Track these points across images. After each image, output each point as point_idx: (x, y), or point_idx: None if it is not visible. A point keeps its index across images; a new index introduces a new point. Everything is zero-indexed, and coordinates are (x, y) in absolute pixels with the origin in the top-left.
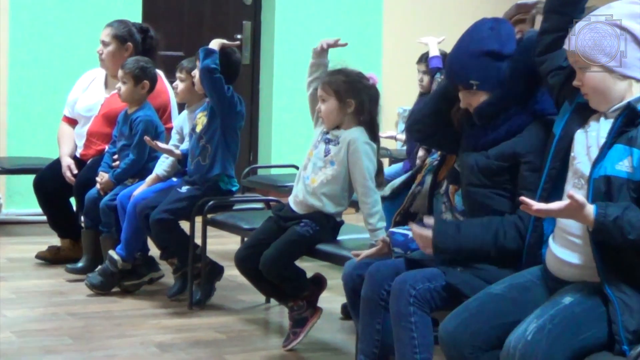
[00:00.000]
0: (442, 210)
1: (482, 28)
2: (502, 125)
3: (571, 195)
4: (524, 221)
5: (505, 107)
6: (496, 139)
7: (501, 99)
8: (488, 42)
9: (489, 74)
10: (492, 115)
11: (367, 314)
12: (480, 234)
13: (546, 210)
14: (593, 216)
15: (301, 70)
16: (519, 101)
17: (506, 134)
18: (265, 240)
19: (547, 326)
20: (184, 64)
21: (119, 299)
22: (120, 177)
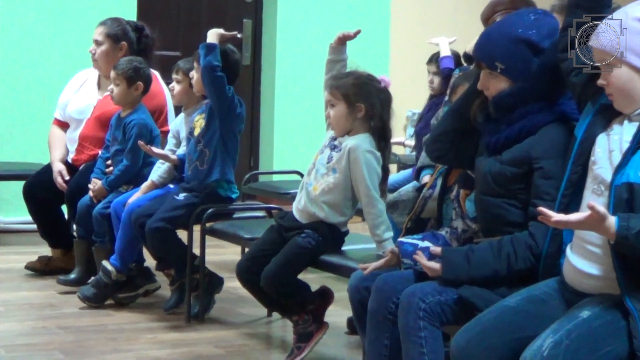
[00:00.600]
0: (452, 217)
1: (526, 15)
2: (517, 122)
3: (592, 206)
4: (535, 238)
5: (524, 101)
6: (509, 138)
7: (522, 91)
8: (527, 31)
9: (518, 61)
10: (509, 107)
11: (375, 328)
12: (492, 260)
13: (565, 221)
14: (614, 229)
15: (304, 71)
16: (540, 98)
17: (519, 132)
18: (268, 250)
19: (564, 341)
20: (180, 64)
21: (113, 312)
22: (114, 184)
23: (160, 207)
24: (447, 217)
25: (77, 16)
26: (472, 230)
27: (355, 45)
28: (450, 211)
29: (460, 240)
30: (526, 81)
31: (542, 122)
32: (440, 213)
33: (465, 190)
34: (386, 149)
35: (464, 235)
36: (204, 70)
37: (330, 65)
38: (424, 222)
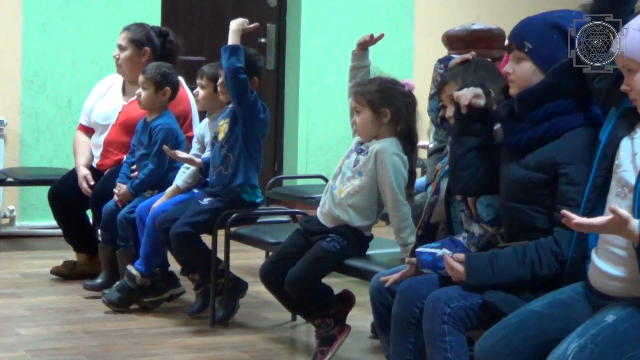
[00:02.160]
0: (461, 220)
1: (567, 11)
2: (541, 122)
3: (614, 210)
4: (560, 245)
5: (550, 98)
6: (532, 139)
7: (549, 86)
8: (564, 20)
9: (547, 44)
10: (534, 102)
11: (399, 333)
12: (516, 267)
13: (588, 224)
14: (638, 231)
15: (328, 76)
16: (568, 96)
17: (545, 134)
18: (292, 254)
19: (589, 346)
20: (204, 69)
21: (138, 317)
22: (138, 188)
23: (184, 212)
24: (456, 220)
25: (102, 22)
26: (490, 234)
27: (379, 50)
28: (458, 214)
29: (478, 246)
30: (553, 75)
31: (567, 125)
32: (449, 217)
33: None
34: (413, 152)
35: (481, 240)
36: (227, 73)
37: (354, 72)
38: (434, 227)
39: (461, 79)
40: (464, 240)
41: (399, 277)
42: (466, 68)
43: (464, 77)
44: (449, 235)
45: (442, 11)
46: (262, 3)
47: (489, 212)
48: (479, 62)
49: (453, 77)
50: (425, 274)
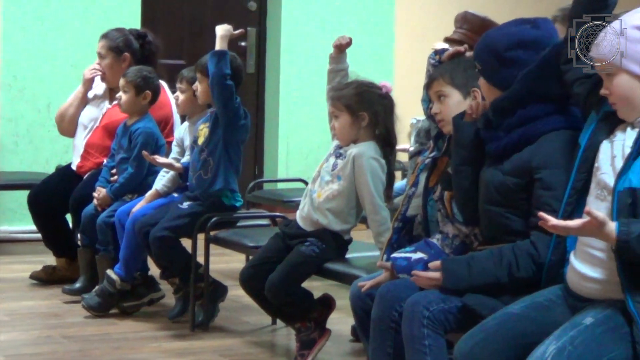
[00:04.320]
0: (438, 219)
1: (511, 25)
2: (516, 128)
3: (589, 212)
4: (537, 247)
5: (521, 104)
6: (508, 145)
7: (518, 93)
8: (496, 39)
9: (486, 66)
10: (507, 110)
11: (378, 336)
12: (493, 269)
13: (564, 227)
14: (615, 234)
15: (308, 80)
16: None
17: (519, 139)
18: (272, 258)
19: (567, 348)
20: (184, 73)
21: (117, 321)
22: (118, 193)
23: (164, 216)
24: (432, 219)
25: (82, 25)
26: (464, 234)
27: (359, 53)
28: (435, 213)
29: (452, 247)
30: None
31: (541, 130)
32: (425, 215)
33: (450, 192)
34: (391, 155)
35: (455, 241)
36: (215, 78)
37: (332, 75)
38: (410, 220)
39: (450, 77)
40: (437, 242)
41: (375, 283)
42: (456, 66)
43: (453, 75)
44: (425, 233)
45: (423, 13)
46: (242, 7)
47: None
48: (469, 62)
49: (442, 74)
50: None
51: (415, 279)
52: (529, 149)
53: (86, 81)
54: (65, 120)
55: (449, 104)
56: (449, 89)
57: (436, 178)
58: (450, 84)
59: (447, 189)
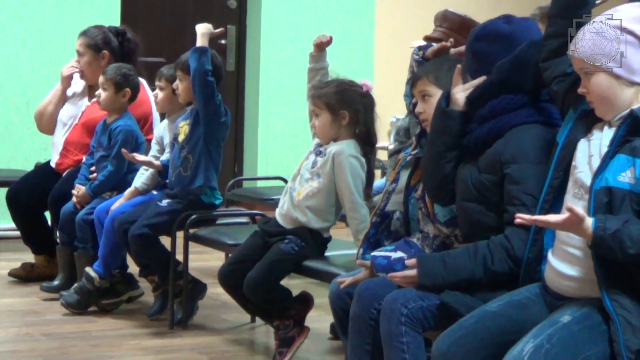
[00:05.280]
0: (419, 218)
1: (500, 18)
2: (487, 121)
3: (570, 208)
4: (511, 241)
5: (494, 94)
6: (479, 138)
7: (491, 83)
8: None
9: (467, 59)
10: (479, 101)
11: (357, 335)
12: (468, 264)
13: (544, 220)
14: (592, 230)
15: (289, 77)
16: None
17: (488, 132)
18: (251, 256)
19: (545, 346)
20: (163, 71)
21: (96, 319)
22: (98, 190)
23: (143, 214)
24: (413, 217)
25: (60, 23)
26: (444, 235)
27: (339, 52)
28: (416, 211)
29: (432, 247)
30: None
31: (510, 123)
32: (406, 213)
33: None
34: (371, 153)
35: (435, 241)
36: (196, 74)
37: (312, 74)
38: (389, 215)
39: (434, 77)
40: (418, 241)
41: (354, 281)
42: (440, 66)
43: (437, 75)
44: (406, 232)
45: (402, 12)
46: (222, 4)
47: (445, 212)
48: (453, 61)
49: (426, 73)
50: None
51: (392, 278)
52: (498, 143)
53: (64, 79)
54: (44, 118)
55: (433, 103)
56: (433, 88)
57: (418, 176)
58: (435, 84)
59: None
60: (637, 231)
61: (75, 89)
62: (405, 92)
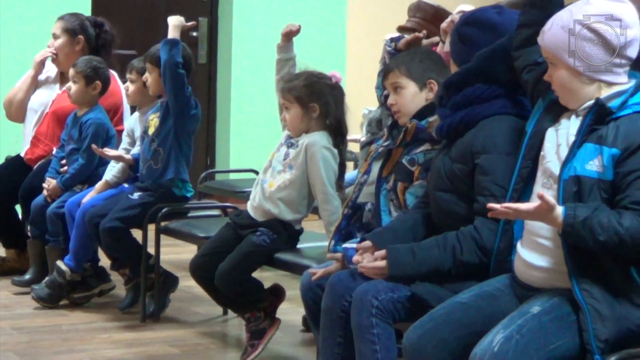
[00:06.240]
0: (390, 209)
1: (493, 7)
2: (461, 109)
3: (541, 196)
4: (480, 232)
5: (470, 82)
6: (452, 125)
7: (468, 71)
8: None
9: (453, 43)
10: (455, 86)
11: (328, 326)
12: (438, 255)
13: (515, 209)
14: (562, 218)
15: (261, 70)
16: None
17: (461, 121)
18: (222, 248)
19: (514, 337)
20: (134, 63)
21: (67, 313)
22: (68, 183)
23: (114, 207)
24: (384, 209)
25: (30, 12)
26: None
27: (312, 43)
28: (387, 203)
29: None
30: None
31: (483, 113)
32: (378, 205)
33: (403, 183)
34: (342, 144)
35: None
36: (167, 66)
37: (280, 65)
38: (360, 207)
39: (406, 69)
40: None
41: (325, 273)
42: (412, 58)
43: (409, 67)
44: (377, 223)
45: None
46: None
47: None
48: (425, 53)
49: (398, 65)
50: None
51: (362, 270)
52: (470, 133)
53: (36, 64)
54: (14, 105)
55: (405, 95)
56: (405, 80)
57: (390, 168)
58: (407, 76)
59: (401, 180)
60: (606, 218)
61: (47, 74)
62: (377, 84)
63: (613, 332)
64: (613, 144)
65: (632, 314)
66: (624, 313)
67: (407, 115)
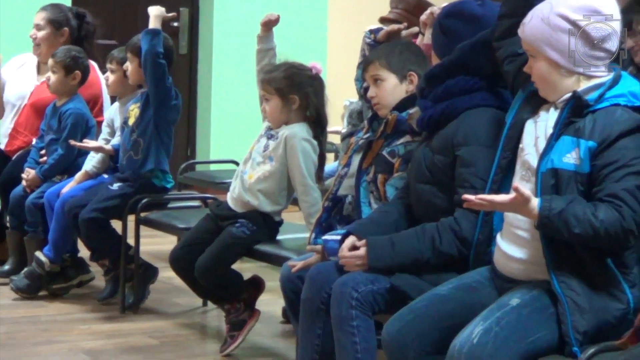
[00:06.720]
0: (370, 201)
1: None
2: (442, 101)
3: (516, 188)
4: (459, 223)
5: (451, 75)
6: (433, 117)
7: (450, 63)
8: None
9: (435, 35)
10: (437, 78)
11: (308, 318)
12: (416, 244)
13: (490, 200)
14: (537, 210)
15: (242, 60)
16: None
17: (442, 112)
18: (202, 239)
19: (493, 329)
20: (114, 54)
21: (46, 303)
22: (48, 173)
23: (94, 197)
24: (364, 200)
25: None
26: None
27: (292, 34)
28: (367, 194)
29: None
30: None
31: (464, 105)
32: (358, 197)
33: (383, 175)
34: (322, 136)
35: None
36: (148, 56)
37: (261, 55)
38: (341, 199)
39: (386, 61)
40: None
41: (305, 265)
42: (392, 50)
43: (389, 59)
44: (357, 215)
45: None
46: None
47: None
48: (405, 45)
49: (378, 57)
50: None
51: (343, 261)
52: (452, 125)
53: None
54: None
55: (385, 87)
56: (385, 72)
57: (370, 160)
58: (387, 68)
59: (381, 172)
60: (582, 211)
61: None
62: (356, 76)
63: (591, 324)
64: (590, 136)
65: (610, 306)
66: (602, 305)
67: (387, 107)
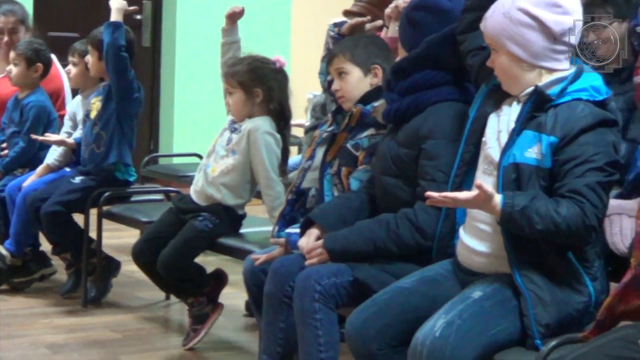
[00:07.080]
0: (333, 194)
1: None
2: (409, 94)
3: (479, 185)
4: (417, 214)
5: (418, 68)
6: (399, 110)
7: (417, 56)
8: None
9: (402, 27)
10: (403, 71)
11: (271, 312)
12: (373, 227)
13: (453, 198)
14: (500, 207)
15: (205, 53)
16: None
17: (408, 106)
18: (165, 233)
19: (456, 321)
20: (76, 46)
21: (7, 297)
22: (9, 167)
23: (55, 191)
24: (328, 193)
25: None
26: None
27: (256, 27)
28: (331, 187)
29: None
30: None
31: (431, 99)
32: (321, 189)
33: (347, 168)
34: (286, 129)
35: None
36: (110, 49)
37: (225, 48)
38: (304, 192)
39: (350, 54)
40: None
41: (268, 258)
42: (356, 43)
43: (353, 52)
44: None
45: None
46: None
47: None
48: (370, 38)
49: (342, 51)
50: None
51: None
52: (416, 118)
53: None
54: None
55: (350, 81)
56: (349, 66)
57: (334, 153)
58: (351, 61)
59: (345, 165)
60: (544, 207)
61: None
62: (321, 70)
63: (554, 316)
64: (552, 131)
65: (572, 298)
66: (564, 298)
67: (351, 100)
